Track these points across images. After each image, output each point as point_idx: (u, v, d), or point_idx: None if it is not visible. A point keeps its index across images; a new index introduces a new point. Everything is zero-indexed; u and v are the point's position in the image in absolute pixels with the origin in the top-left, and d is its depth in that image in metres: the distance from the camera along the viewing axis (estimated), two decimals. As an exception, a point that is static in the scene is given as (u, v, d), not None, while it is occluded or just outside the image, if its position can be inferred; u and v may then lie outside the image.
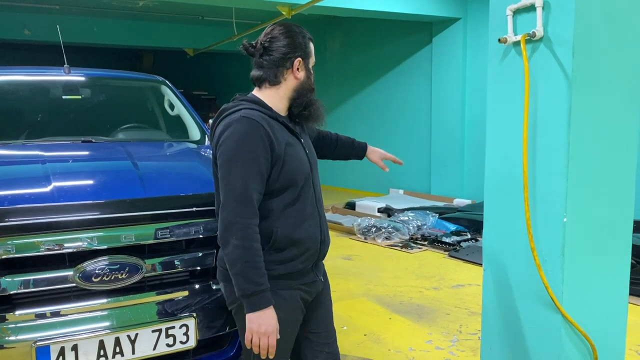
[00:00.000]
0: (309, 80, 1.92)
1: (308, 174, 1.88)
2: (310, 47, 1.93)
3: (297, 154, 1.86)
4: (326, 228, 1.97)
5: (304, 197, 1.85)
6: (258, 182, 1.72)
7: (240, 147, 1.72)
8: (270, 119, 1.82)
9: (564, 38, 2.05)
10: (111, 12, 9.65)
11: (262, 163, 1.73)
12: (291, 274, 1.84)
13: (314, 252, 1.88)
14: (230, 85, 13.77)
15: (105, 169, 2.50)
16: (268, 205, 1.79)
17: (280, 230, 1.79)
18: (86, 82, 3.49)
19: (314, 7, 6.83)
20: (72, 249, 1.95)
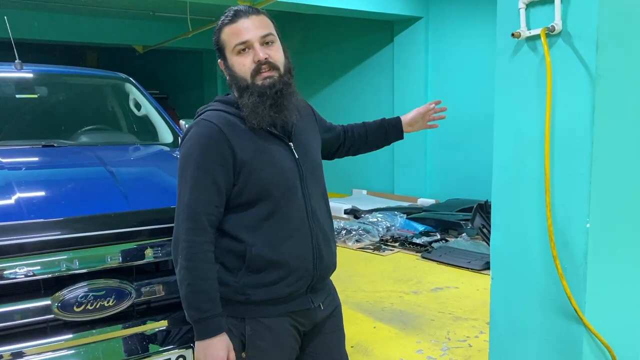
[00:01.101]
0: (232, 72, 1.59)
1: (292, 183, 1.59)
2: (222, 37, 1.59)
3: (275, 161, 1.58)
4: (326, 246, 1.68)
5: (287, 210, 1.58)
6: (211, 194, 1.49)
7: (191, 155, 1.51)
8: (241, 121, 1.58)
9: (586, 32, 1.93)
10: (54, 5, 9.06)
11: (218, 172, 1.49)
12: (276, 300, 1.58)
13: (303, 274, 1.60)
14: (182, 83, 13.31)
15: (77, 177, 2.20)
16: (239, 220, 1.55)
17: (254, 249, 1.53)
18: (42, 79, 3.15)
19: (274, 4, 6.60)
20: (48, 274, 1.66)
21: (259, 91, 1.53)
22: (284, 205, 1.57)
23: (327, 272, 1.71)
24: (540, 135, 2.06)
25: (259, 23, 1.55)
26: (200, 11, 8.86)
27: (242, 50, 1.54)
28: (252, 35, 1.53)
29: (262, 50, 1.53)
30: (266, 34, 1.55)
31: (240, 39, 1.53)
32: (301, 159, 1.64)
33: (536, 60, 2.09)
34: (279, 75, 1.55)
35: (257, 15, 1.57)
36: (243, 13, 1.55)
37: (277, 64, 1.56)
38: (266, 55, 1.53)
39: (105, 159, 2.36)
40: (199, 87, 12.65)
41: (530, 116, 2.12)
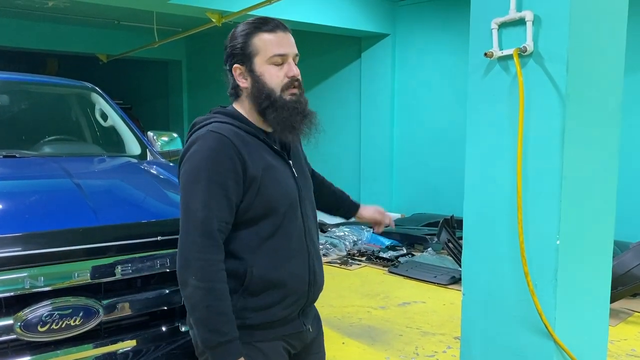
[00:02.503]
0: (260, 81, 1.54)
1: (294, 201, 1.57)
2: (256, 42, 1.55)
3: (280, 178, 1.55)
4: (319, 267, 1.65)
5: (288, 229, 1.54)
6: (224, 209, 1.42)
7: (204, 168, 1.43)
8: (248, 135, 1.53)
9: (557, 54, 1.98)
10: (14, 11, 8.80)
11: (231, 187, 1.43)
12: (271, 323, 1.54)
13: (299, 296, 1.57)
14: (147, 93, 13.10)
15: (41, 190, 2.11)
16: (241, 238, 1.48)
17: (255, 269, 1.48)
18: (3, 87, 3.03)
19: (243, 17, 6.58)
20: (10, 292, 1.58)
21: (291, 106, 1.52)
22: (287, 223, 1.54)
23: (318, 294, 1.68)
24: (512, 153, 2.10)
25: (293, 40, 1.57)
26: (167, 22, 8.76)
27: (278, 63, 1.53)
28: (291, 51, 1.54)
29: (296, 67, 1.56)
30: (297, 54, 1.58)
31: (281, 51, 1.52)
32: (299, 178, 1.63)
33: (508, 79, 2.13)
34: (301, 94, 1.58)
35: (290, 33, 1.58)
36: (282, 26, 1.55)
37: (302, 83, 1.59)
38: (299, 73, 1.57)
39: (71, 170, 2.28)
40: (164, 98, 12.47)
41: (502, 134, 2.15)
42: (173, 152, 3.19)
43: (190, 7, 6.35)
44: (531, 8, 2.02)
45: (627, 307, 4.31)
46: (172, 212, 2.00)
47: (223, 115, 1.58)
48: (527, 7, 2.04)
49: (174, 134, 3.31)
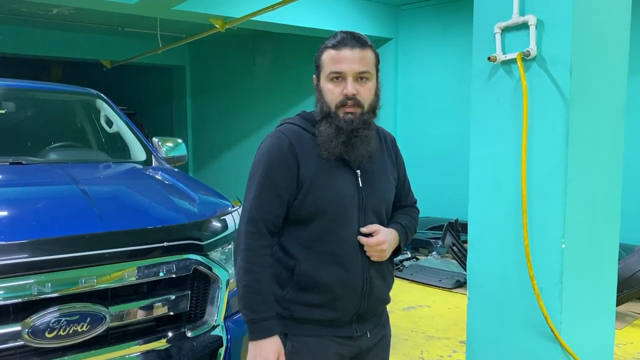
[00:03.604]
0: (321, 95, 1.60)
1: (349, 209, 1.57)
2: (322, 59, 1.60)
3: (335, 184, 1.56)
4: (380, 279, 1.63)
5: (341, 235, 1.56)
6: (273, 202, 1.52)
7: (260, 163, 1.56)
8: (313, 138, 1.59)
9: (560, 58, 1.98)
10: (19, 19, 8.85)
11: (282, 183, 1.52)
12: (319, 321, 1.58)
13: (349, 303, 1.58)
14: (151, 99, 13.14)
15: (48, 196, 2.12)
16: (293, 234, 1.58)
17: (303, 265, 1.55)
18: (9, 94, 3.05)
19: (246, 22, 6.61)
20: (18, 298, 1.59)
21: (337, 125, 1.54)
22: (336, 229, 1.56)
23: (377, 305, 1.67)
24: (516, 157, 2.10)
25: (360, 57, 1.55)
26: (170, 28, 8.80)
27: (336, 79, 1.55)
28: (349, 69, 1.54)
29: (353, 86, 1.54)
30: (363, 71, 1.56)
31: (336, 68, 1.54)
32: (365, 188, 1.62)
33: (511, 83, 2.13)
34: (360, 113, 1.56)
35: (362, 49, 1.56)
36: (349, 43, 1.55)
37: (362, 101, 1.56)
38: (355, 92, 1.54)
39: (76, 177, 2.29)
40: (168, 103, 12.50)
41: (506, 138, 2.15)
42: (178, 157, 3.20)
43: (194, 13, 6.37)
44: (534, 12, 2.03)
45: (633, 311, 4.29)
46: (177, 218, 2.02)
47: (301, 118, 1.66)
48: (530, 11, 2.04)
49: (178, 139, 3.32)
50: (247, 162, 9.73)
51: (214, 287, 1.95)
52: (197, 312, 1.94)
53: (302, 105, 9.44)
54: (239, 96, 10.54)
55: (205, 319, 1.94)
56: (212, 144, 11.42)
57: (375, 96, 1.63)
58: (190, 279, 1.89)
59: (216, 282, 1.95)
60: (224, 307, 1.97)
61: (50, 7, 7.94)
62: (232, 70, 10.65)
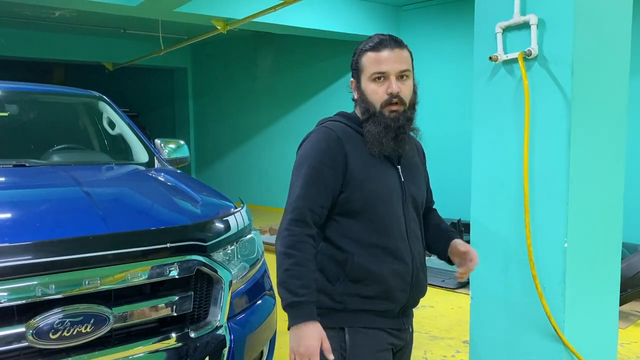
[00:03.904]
0: (364, 96, 1.64)
1: (395, 202, 1.63)
2: (362, 61, 1.63)
3: (383, 177, 1.62)
4: (423, 272, 1.68)
5: (389, 227, 1.61)
6: (320, 193, 1.55)
7: (308, 155, 1.59)
8: (357, 135, 1.64)
9: (562, 57, 1.99)
10: (22, 22, 8.88)
11: (329, 175, 1.56)
12: (374, 312, 1.60)
13: (400, 294, 1.61)
14: (153, 101, 13.16)
15: (51, 198, 2.13)
16: (343, 228, 1.60)
17: (356, 257, 1.57)
18: (12, 97, 3.06)
19: (248, 24, 6.62)
20: (22, 300, 1.59)
21: (385, 123, 1.59)
22: (386, 221, 1.60)
23: (419, 298, 1.71)
24: (518, 156, 2.10)
25: (400, 57, 1.60)
26: (172, 30, 8.82)
27: (378, 79, 1.60)
28: (391, 68, 1.59)
29: (397, 84, 1.59)
30: (404, 70, 1.61)
31: (379, 69, 1.59)
32: (406, 183, 1.68)
33: (513, 83, 2.14)
34: (403, 110, 1.61)
35: (400, 50, 1.61)
36: (388, 44, 1.60)
37: (405, 99, 1.61)
38: (399, 90, 1.59)
39: (80, 179, 2.29)
40: (170, 105, 12.52)
41: (508, 137, 2.16)
42: (180, 159, 3.21)
43: (196, 15, 6.39)
44: (535, 11, 2.03)
45: (636, 310, 4.29)
46: (180, 219, 2.02)
47: (343, 117, 1.70)
48: (532, 11, 2.05)
49: (181, 141, 3.33)
50: (249, 163, 9.72)
51: (217, 287, 1.95)
52: (201, 313, 1.94)
53: (304, 106, 9.45)
54: (241, 97, 10.56)
55: (208, 319, 1.94)
56: (214, 145, 11.44)
57: (414, 93, 1.67)
58: (193, 279, 1.90)
59: (219, 283, 1.95)
60: (227, 307, 1.97)
61: (52, 10, 7.97)
62: (234, 71, 10.66)
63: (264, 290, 2.30)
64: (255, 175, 10.25)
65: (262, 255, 2.38)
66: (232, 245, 2.10)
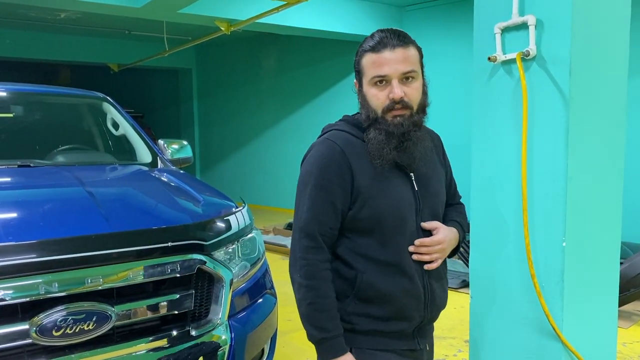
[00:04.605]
0: (365, 101, 1.50)
1: (406, 215, 1.50)
2: (362, 63, 1.50)
3: (392, 190, 1.49)
4: (439, 286, 1.59)
5: (398, 243, 1.49)
6: (328, 214, 1.45)
7: (312, 173, 1.47)
8: (364, 144, 1.51)
9: (560, 57, 2.00)
10: (28, 23, 8.95)
11: (337, 193, 1.45)
12: (383, 333, 1.52)
13: (413, 313, 1.52)
14: (158, 102, 13.23)
15: (55, 198, 2.16)
16: (352, 245, 1.49)
17: (365, 276, 1.47)
18: (17, 98, 3.10)
19: (251, 25, 6.65)
20: (26, 298, 1.62)
21: (386, 130, 1.45)
22: (396, 237, 1.49)
23: (437, 313, 1.63)
24: (517, 156, 2.12)
25: (404, 57, 1.45)
26: (176, 31, 8.87)
27: (379, 82, 1.46)
28: (393, 70, 1.44)
29: (400, 88, 1.45)
30: (408, 71, 1.46)
31: (379, 72, 1.45)
32: (421, 192, 1.55)
33: (512, 83, 2.15)
34: (409, 115, 1.48)
35: (404, 48, 1.46)
36: (389, 43, 1.45)
37: (410, 103, 1.47)
38: (402, 94, 1.45)
39: (83, 179, 2.33)
40: (175, 106, 12.59)
41: (507, 138, 2.17)
42: (183, 159, 3.24)
43: (199, 16, 6.43)
44: (533, 12, 2.04)
45: (639, 309, 4.28)
46: (182, 218, 2.05)
47: (345, 122, 1.58)
48: (530, 11, 2.06)
49: (184, 141, 3.36)
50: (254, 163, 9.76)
51: (218, 286, 1.98)
52: (202, 311, 1.97)
53: (308, 106, 9.48)
54: (245, 98, 10.60)
55: (209, 317, 1.97)
56: (219, 145, 11.48)
57: (424, 94, 1.53)
58: (194, 278, 1.92)
59: (220, 282, 1.98)
60: (227, 306, 2.00)
61: (57, 12, 8.03)
62: (238, 72, 10.71)
63: (265, 289, 2.33)
64: (259, 176, 10.29)
65: (263, 255, 2.40)
66: (233, 244, 2.13)
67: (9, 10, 7.82)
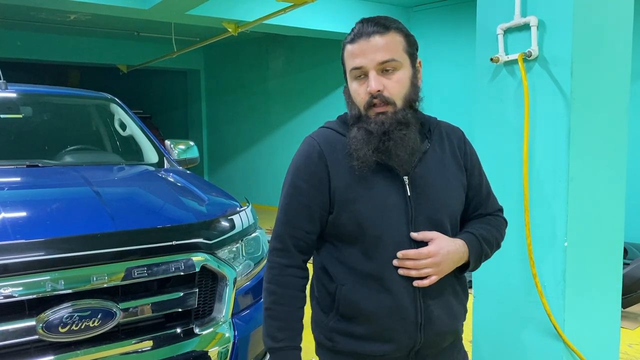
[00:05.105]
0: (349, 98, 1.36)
1: (394, 226, 1.30)
2: (344, 56, 1.35)
3: (373, 194, 1.30)
4: (441, 307, 1.34)
5: (384, 255, 1.29)
6: (303, 217, 1.32)
7: (290, 172, 1.37)
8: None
9: (561, 58, 2.01)
10: (38, 25, 9.05)
11: (312, 195, 1.32)
12: (367, 356, 1.33)
13: (401, 336, 1.30)
14: (166, 103, 13.30)
15: (62, 197, 2.20)
16: (334, 253, 1.35)
17: (344, 289, 1.31)
18: (27, 99, 3.14)
19: (259, 25, 6.68)
20: (33, 295, 1.66)
21: (366, 128, 1.29)
22: (380, 247, 1.30)
23: (440, 339, 1.36)
24: (519, 156, 2.13)
25: (383, 45, 1.28)
26: (184, 32, 8.92)
27: (359, 76, 1.31)
28: (368, 61, 1.28)
29: (377, 80, 1.28)
30: (386, 60, 1.28)
31: (355, 64, 1.29)
32: (415, 197, 1.32)
33: (514, 83, 2.16)
34: (393, 112, 1.29)
35: (382, 35, 1.29)
36: (364, 32, 1.30)
37: (391, 97, 1.29)
38: (380, 87, 1.28)
39: (90, 179, 2.36)
40: (183, 107, 12.65)
41: (509, 138, 2.18)
42: (190, 159, 3.27)
43: (207, 17, 6.46)
44: (535, 13, 2.06)
45: (646, 311, 4.26)
46: (186, 217, 2.08)
47: (338, 120, 1.44)
48: (532, 13, 2.07)
49: (190, 142, 3.39)
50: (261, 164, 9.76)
51: (222, 284, 2.00)
52: (205, 309, 1.99)
53: (315, 107, 9.50)
54: (253, 98, 10.64)
55: (213, 315, 1.99)
56: (227, 146, 11.53)
57: (412, 86, 1.32)
58: (198, 276, 1.95)
59: (223, 280, 2.00)
60: (231, 304, 2.02)
61: (67, 14, 8.11)
62: (246, 73, 10.75)
63: (268, 288, 2.34)
64: (267, 176, 10.32)
65: (267, 254, 2.42)
66: (237, 243, 2.15)
67: (20, 12, 7.91)
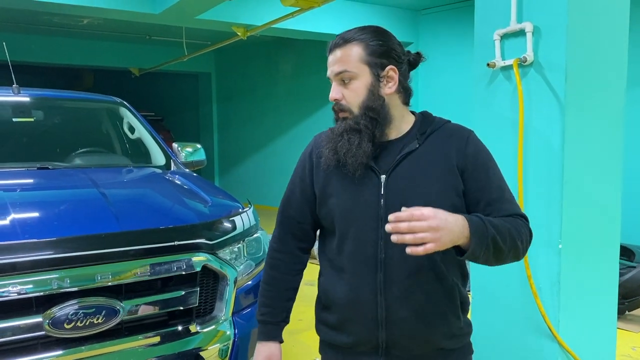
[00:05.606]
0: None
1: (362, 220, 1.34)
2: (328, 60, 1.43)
3: (343, 190, 1.38)
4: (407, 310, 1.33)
5: (353, 250, 1.35)
6: (290, 204, 1.51)
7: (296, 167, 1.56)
8: None
9: (556, 63, 2.05)
10: (51, 29, 9.21)
11: (299, 184, 1.49)
12: (337, 346, 1.43)
13: (359, 328, 1.36)
14: (178, 105, 13.44)
15: (69, 199, 2.27)
16: (325, 243, 1.47)
17: (322, 279, 1.47)
18: (38, 103, 3.23)
19: (267, 30, 6.75)
20: (40, 292, 1.73)
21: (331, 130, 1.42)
22: (348, 241, 1.36)
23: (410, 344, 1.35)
24: (514, 159, 2.16)
25: (339, 57, 1.37)
26: (195, 36, 9.02)
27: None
28: (330, 73, 1.40)
29: (336, 90, 1.39)
30: (340, 72, 1.37)
31: (328, 73, 1.42)
32: (390, 197, 1.34)
33: (510, 88, 2.20)
34: (350, 118, 1.37)
35: (341, 48, 1.38)
36: (331, 46, 1.41)
37: (347, 105, 1.38)
38: (338, 96, 1.38)
39: (97, 180, 2.44)
40: (194, 109, 12.77)
41: (505, 141, 2.22)
42: (196, 162, 3.34)
43: (217, 21, 6.55)
44: (531, 19, 2.09)
45: (651, 314, 4.25)
46: (189, 218, 2.14)
47: None
48: (527, 19, 2.11)
49: (197, 144, 3.46)
50: (272, 166, 9.81)
51: (223, 284, 2.06)
52: (206, 308, 2.05)
53: (324, 109, 9.55)
54: (263, 101, 10.72)
55: (214, 314, 2.05)
56: (237, 148, 11.62)
57: (370, 94, 1.36)
58: (199, 276, 2.01)
59: (224, 279, 2.06)
60: (232, 303, 2.08)
61: (80, 18, 8.24)
62: (256, 76, 10.84)
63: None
64: (278, 178, 10.38)
65: None
66: (239, 244, 2.21)
67: (33, 16, 8.06)
